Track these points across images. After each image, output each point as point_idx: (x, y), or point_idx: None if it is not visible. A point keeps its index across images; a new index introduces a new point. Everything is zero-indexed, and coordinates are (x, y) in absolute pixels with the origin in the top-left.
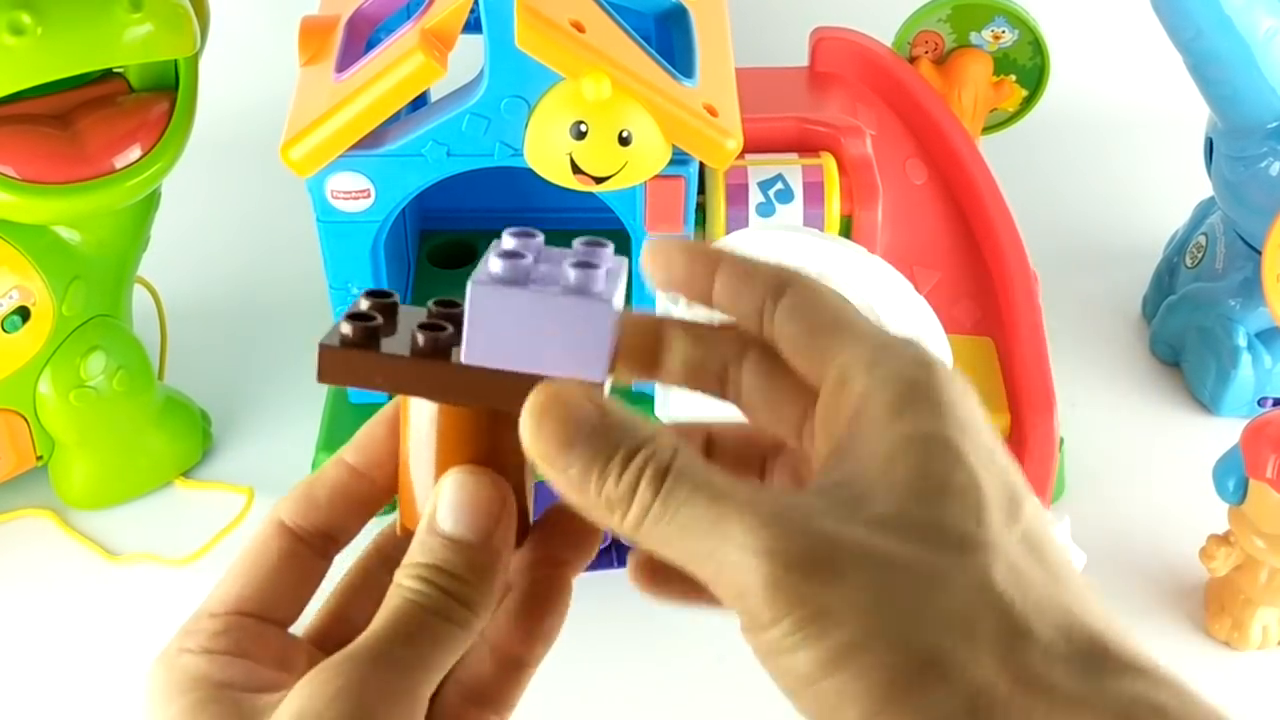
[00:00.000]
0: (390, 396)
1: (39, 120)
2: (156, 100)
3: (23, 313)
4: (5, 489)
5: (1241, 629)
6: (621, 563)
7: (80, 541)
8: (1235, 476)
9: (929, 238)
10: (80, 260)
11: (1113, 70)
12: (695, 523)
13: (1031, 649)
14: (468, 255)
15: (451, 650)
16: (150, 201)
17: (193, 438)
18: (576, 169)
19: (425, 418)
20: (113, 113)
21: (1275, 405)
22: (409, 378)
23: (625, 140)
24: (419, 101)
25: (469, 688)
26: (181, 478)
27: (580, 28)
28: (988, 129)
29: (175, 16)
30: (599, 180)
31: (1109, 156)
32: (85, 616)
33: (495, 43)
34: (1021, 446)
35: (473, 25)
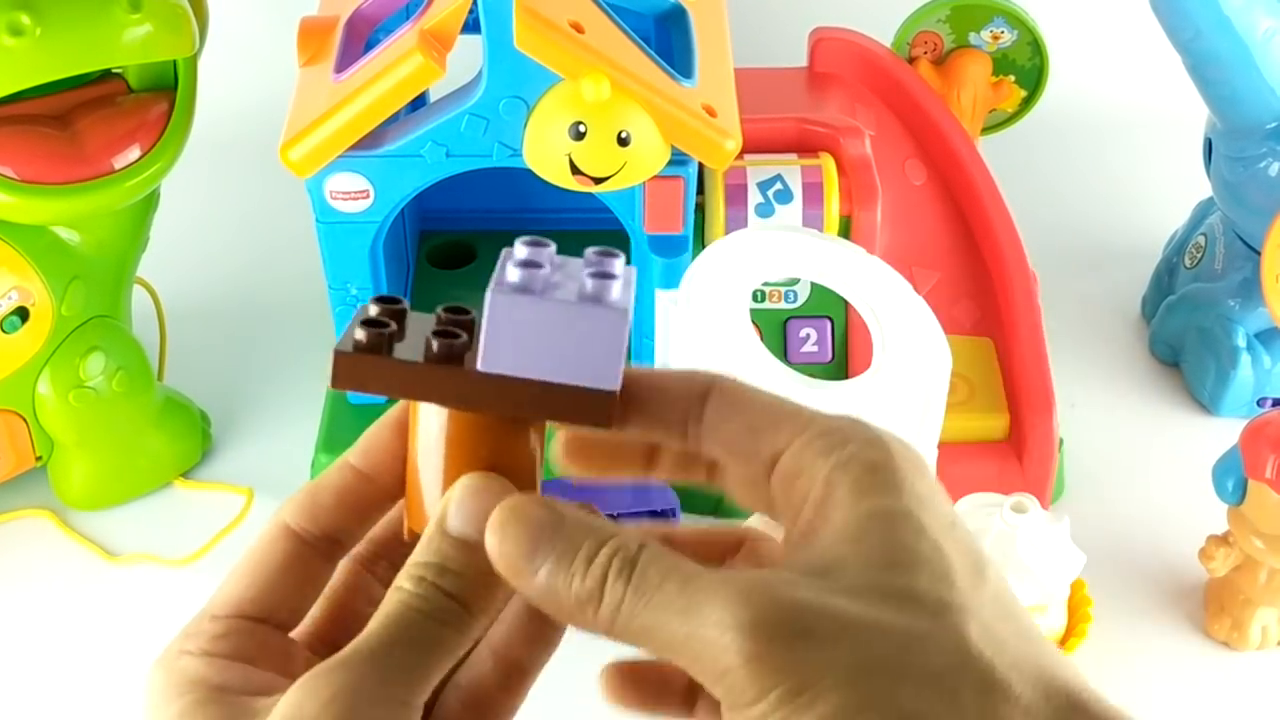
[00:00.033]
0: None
1: (38, 120)
2: (156, 100)
3: (22, 313)
4: (5, 489)
5: (1241, 629)
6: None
7: (80, 542)
8: (1234, 477)
9: (928, 238)
10: (79, 260)
11: (1112, 71)
12: (669, 607)
13: (1013, 709)
14: (467, 256)
15: (448, 656)
16: (149, 202)
17: (192, 438)
18: (575, 169)
19: (435, 423)
20: (112, 113)
21: (1274, 405)
22: (423, 384)
23: (624, 141)
24: (418, 102)
25: (469, 693)
26: (181, 478)
27: (579, 28)
28: (987, 129)
29: (174, 17)
30: (598, 181)
31: (1108, 157)
32: (85, 617)
33: (494, 43)
34: (1021, 447)
35: (471, 26)
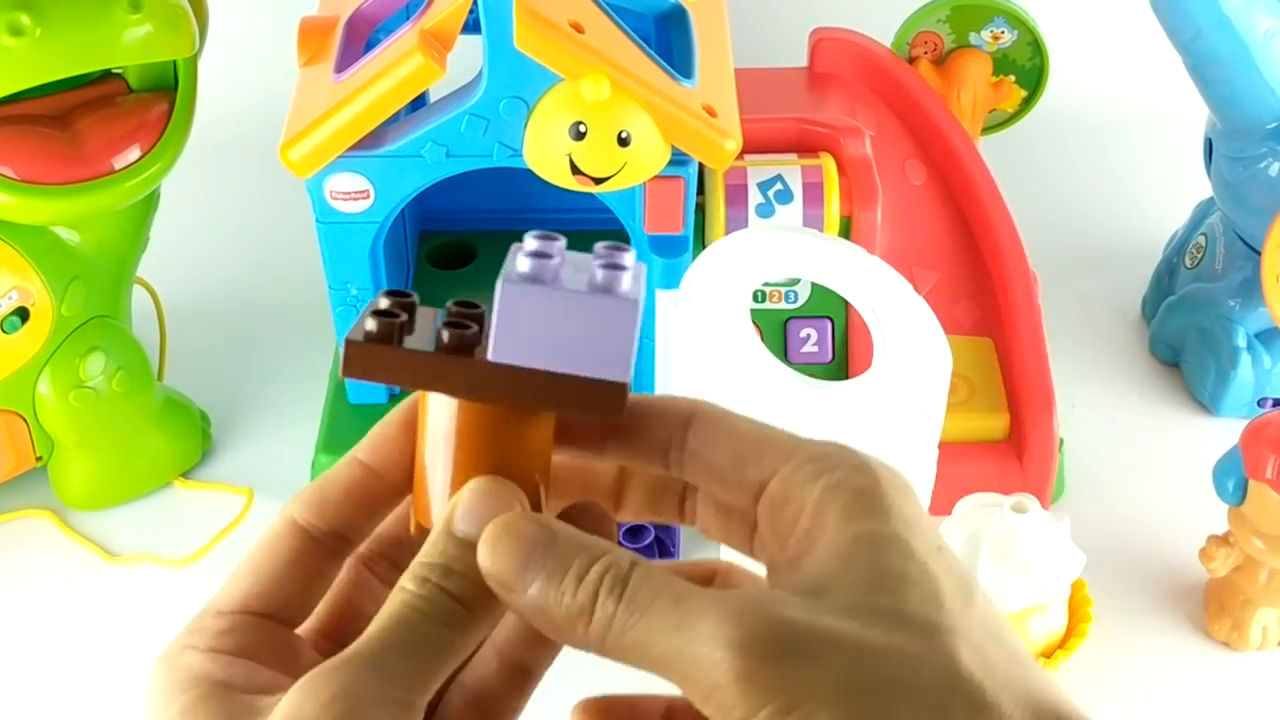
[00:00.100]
0: (401, 394)
1: (38, 121)
2: (156, 101)
3: (22, 313)
4: (5, 489)
5: (1241, 630)
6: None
7: (80, 542)
8: (1235, 477)
9: (928, 238)
10: (79, 261)
11: (1112, 71)
12: (661, 624)
13: None
14: (467, 256)
15: (450, 658)
16: (149, 202)
17: (192, 438)
18: (576, 170)
19: (444, 415)
20: (112, 113)
21: (1275, 406)
22: (433, 374)
23: (624, 141)
24: (418, 102)
25: (473, 693)
26: (181, 478)
27: (579, 28)
28: (987, 129)
29: (174, 17)
30: (598, 181)
31: (1108, 157)
32: (85, 617)
33: (494, 43)
34: (1021, 447)
35: (472, 26)
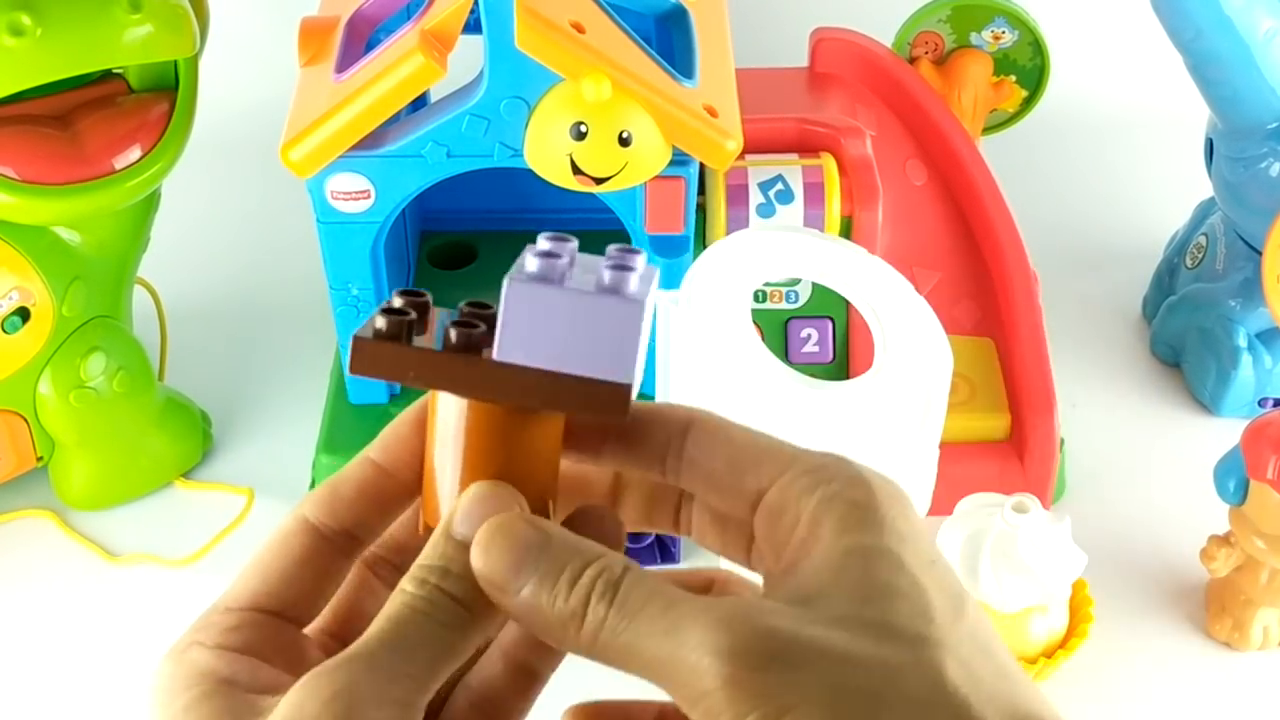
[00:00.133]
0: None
1: (39, 121)
2: (156, 101)
3: (23, 313)
4: (5, 490)
5: (1242, 630)
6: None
7: (80, 542)
8: (1236, 477)
9: (929, 238)
10: (80, 261)
11: (1113, 71)
12: (651, 629)
13: None
14: (468, 256)
15: (450, 659)
16: (150, 202)
17: (193, 438)
18: (577, 170)
19: (452, 414)
20: (112, 113)
21: (1276, 406)
22: (440, 372)
23: (625, 141)
24: (419, 102)
25: (479, 694)
26: (181, 478)
27: (580, 28)
28: (988, 129)
29: (175, 17)
30: (599, 181)
31: (1109, 157)
32: (85, 617)
33: (495, 43)
34: (1022, 447)
35: (472, 26)
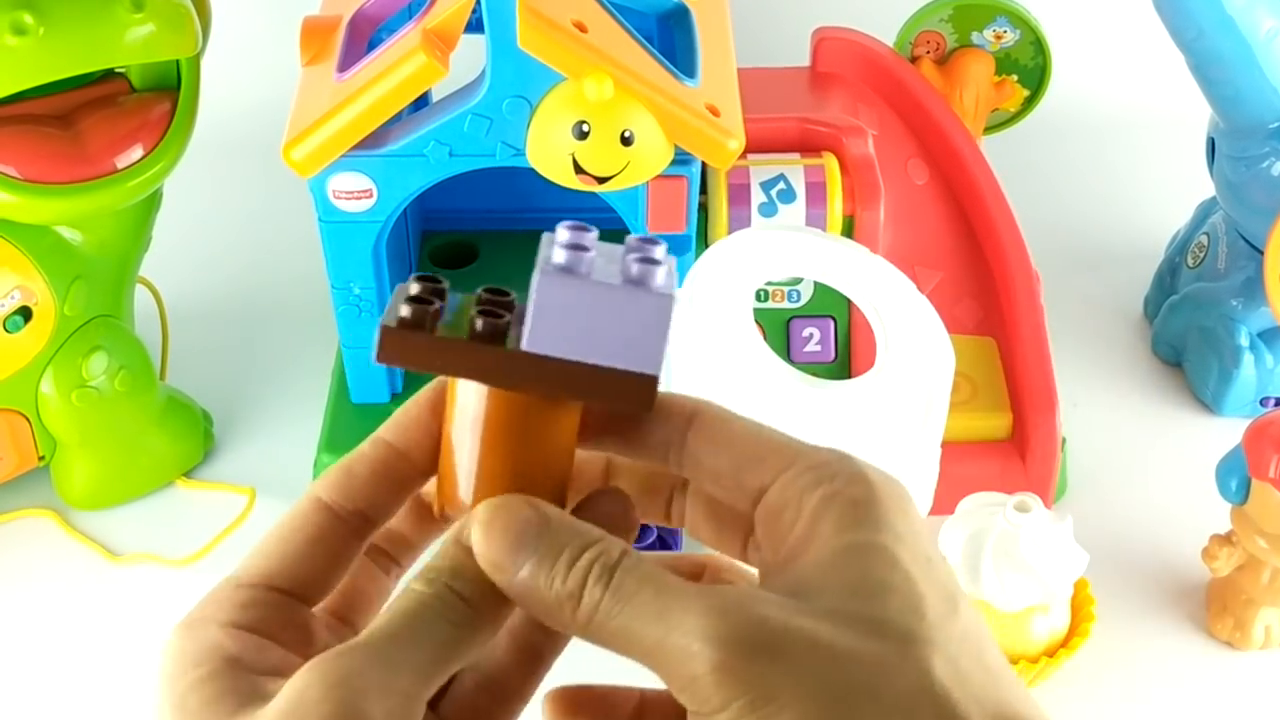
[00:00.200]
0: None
1: (41, 120)
2: (158, 100)
3: (24, 313)
4: (7, 489)
5: (1243, 629)
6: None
7: (81, 541)
8: (1237, 476)
9: (931, 238)
10: (82, 260)
11: (1114, 70)
12: (644, 613)
13: None
14: (469, 256)
15: (455, 655)
16: (152, 201)
17: (194, 438)
18: (579, 169)
19: (473, 400)
20: (114, 113)
21: (1277, 405)
22: (466, 361)
23: (627, 140)
24: (421, 102)
25: (485, 674)
26: (183, 478)
27: (582, 28)
28: (989, 129)
29: (177, 16)
30: (601, 180)
31: (1111, 156)
32: (86, 616)
33: (497, 43)
34: (1024, 446)
35: (474, 25)
